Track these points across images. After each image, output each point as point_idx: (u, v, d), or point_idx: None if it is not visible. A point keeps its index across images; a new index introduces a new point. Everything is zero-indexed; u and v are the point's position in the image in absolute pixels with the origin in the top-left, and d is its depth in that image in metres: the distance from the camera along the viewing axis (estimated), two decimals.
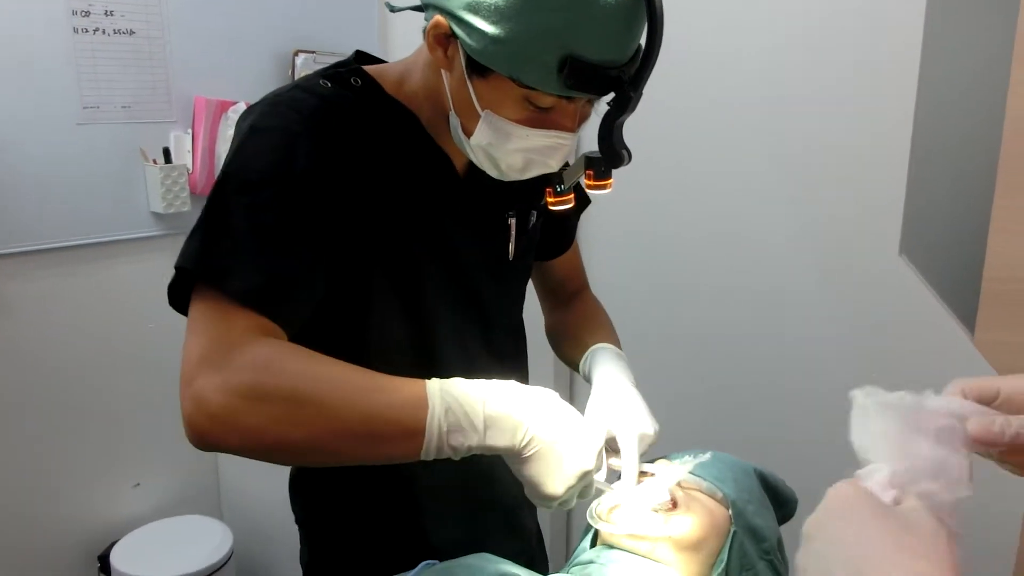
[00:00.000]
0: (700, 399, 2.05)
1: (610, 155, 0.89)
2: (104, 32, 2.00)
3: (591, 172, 0.93)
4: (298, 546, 1.19)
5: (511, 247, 1.10)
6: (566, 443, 0.79)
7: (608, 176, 0.93)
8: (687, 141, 2.03)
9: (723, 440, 1.65)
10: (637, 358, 1.32)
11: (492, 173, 0.96)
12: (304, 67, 2.33)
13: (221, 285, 0.82)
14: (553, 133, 0.89)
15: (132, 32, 2.05)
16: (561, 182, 0.96)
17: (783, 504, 1.08)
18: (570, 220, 1.28)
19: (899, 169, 1.53)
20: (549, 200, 0.98)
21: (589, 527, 1.00)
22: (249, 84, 2.30)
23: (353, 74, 0.98)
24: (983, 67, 1.73)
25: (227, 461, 2.42)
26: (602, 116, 0.88)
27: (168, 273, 0.88)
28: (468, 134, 0.91)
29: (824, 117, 1.82)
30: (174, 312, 0.89)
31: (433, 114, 0.97)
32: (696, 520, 0.91)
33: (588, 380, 1.11)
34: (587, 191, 0.96)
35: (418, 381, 0.79)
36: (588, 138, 0.94)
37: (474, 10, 0.81)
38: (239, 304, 0.81)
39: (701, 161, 2.02)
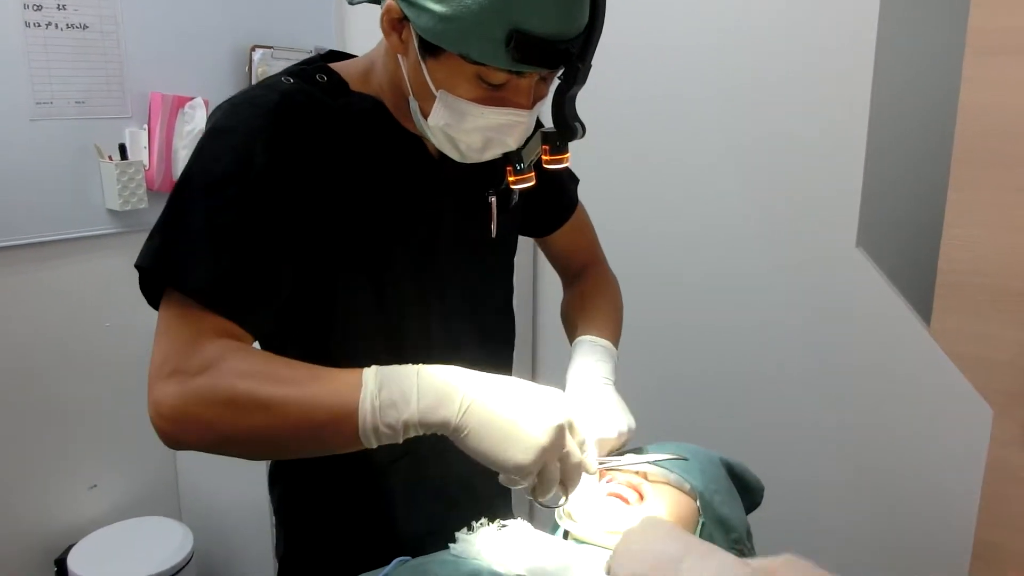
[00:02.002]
0: (661, 388, 2.06)
1: (563, 128, 0.90)
2: (56, 26, 1.96)
3: (546, 147, 0.94)
4: (259, 545, 1.19)
5: (493, 226, 1.09)
6: (516, 410, 0.76)
7: (564, 150, 0.94)
8: (645, 136, 2.05)
9: (686, 428, 1.68)
10: None
11: (453, 155, 0.96)
12: (261, 62, 2.31)
13: (178, 284, 0.84)
14: (507, 111, 0.89)
15: (85, 26, 2.01)
16: (520, 160, 0.96)
17: (750, 492, 1.10)
18: (564, 193, 1.27)
19: (856, 164, 1.56)
20: (510, 179, 0.97)
21: (557, 526, 1.00)
22: (206, 79, 2.27)
23: (318, 71, 0.97)
24: (936, 64, 1.77)
25: (186, 461, 2.39)
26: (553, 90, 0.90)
27: (125, 271, 0.87)
28: (426, 116, 0.91)
29: (782, 113, 1.85)
30: (131, 311, 0.91)
31: (399, 101, 0.97)
32: (665, 512, 0.91)
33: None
34: (544, 166, 0.96)
35: (357, 369, 0.79)
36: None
37: None
38: (200, 306, 0.83)
39: (659, 156, 2.04)
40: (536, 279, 2.50)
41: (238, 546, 2.28)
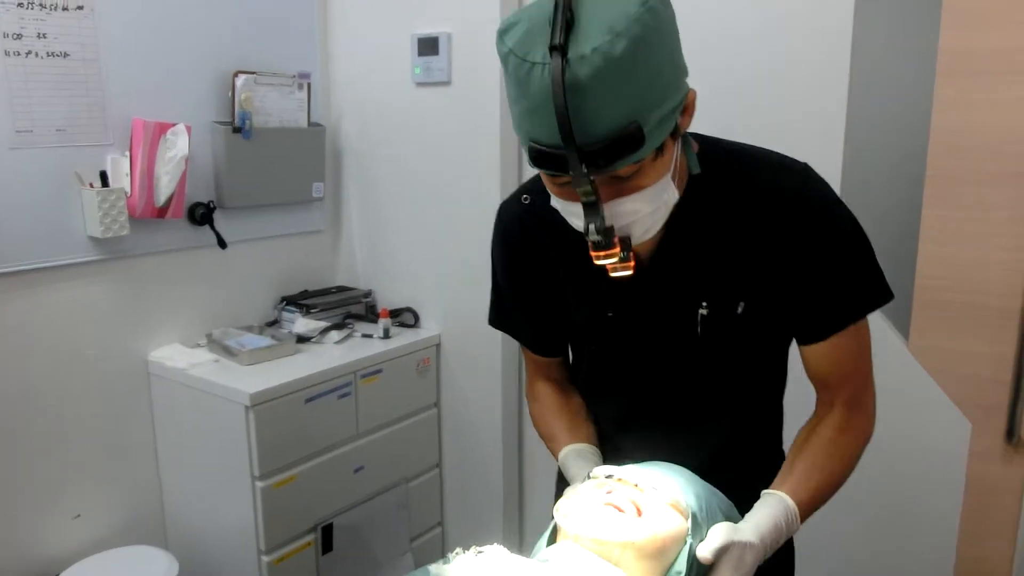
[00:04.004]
0: None
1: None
2: (37, 55, 1.96)
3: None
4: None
5: (700, 333, 1.13)
6: None
7: (599, 248, 0.96)
8: None
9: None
10: None
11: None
12: (244, 88, 2.32)
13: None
14: (566, 202, 0.98)
15: (66, 55, 2.01)
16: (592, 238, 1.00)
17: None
18: (827, 309, 1.10)
19: (832, 182, 1.57)
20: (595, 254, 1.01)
21: (553, 525, 1.01)
22: (189, 105, 2.27)
23: (523, 192, 1.25)
24: (909, 85, 1.80)
25: (171, 489, 2.37)
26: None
27: (107, 299, 0.88)
28: None
29: (757, 135, 1.87)
30: (115, 339, 0.91)
31: None
32: (661, 528, 0.92)
33: None
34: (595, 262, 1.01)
35: (563, 439, 1.26)
36: None
37: None
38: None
39: None
40: None
41: (225, 574, 2.26)
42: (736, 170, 1.08)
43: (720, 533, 0.95)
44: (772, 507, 1.04)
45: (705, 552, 0.93)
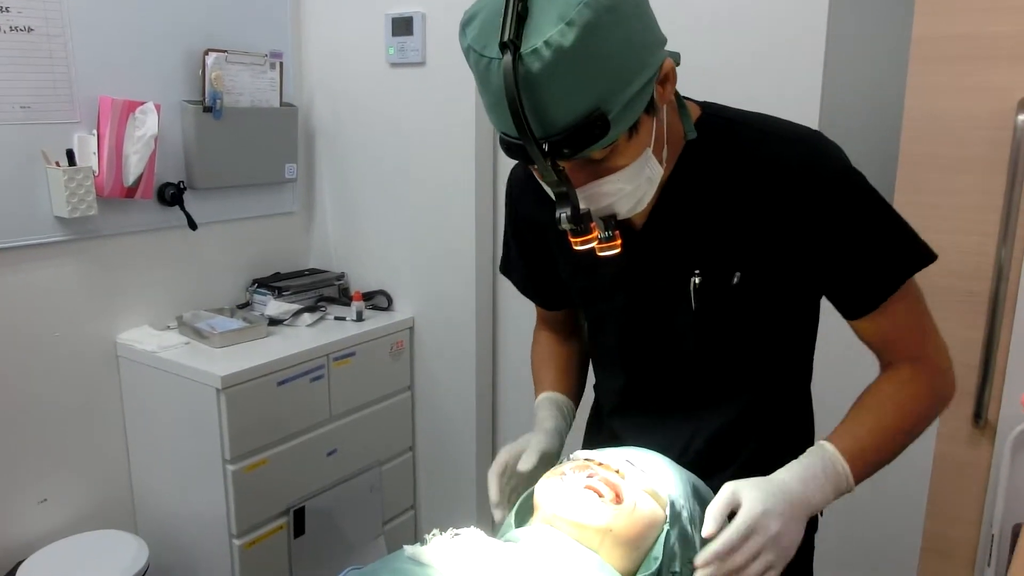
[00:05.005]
0: None
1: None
2: None
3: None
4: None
5: (694, 304, 1.09)
6: None
7: (580, 234, 0.94)
8: None
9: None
10: None
11: None
12: (215, 66, 2.28)
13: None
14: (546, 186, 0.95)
15: (30, 29, 1.96)
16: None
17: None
18: (868, 281, 1.05)
19: None
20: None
21: (523, 505, 1.01)
22: (157, 84, 2.23)
23: None
24: (883, 72, 1.81)
25: (141, 473, 2.35)
26: None
27: (74, 280, 0.86)
28: None
29: None
30: (82, 321, 0.88)
31: None
32: (639, 515, 0.92)
33: None
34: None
35: (545, 385, 1.33)
36: None
37: None
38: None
39: None
40: (496, 293, 2.50)
41: (196, 558, 2.25)
42: (735, 139, 1.04)
43: (723, 496, 0.93)
44: (807, 457, 1.00)
45: (709, 523, 0.91)
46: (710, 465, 1.13)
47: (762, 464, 1.02)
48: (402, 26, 2.37)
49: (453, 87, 2.33)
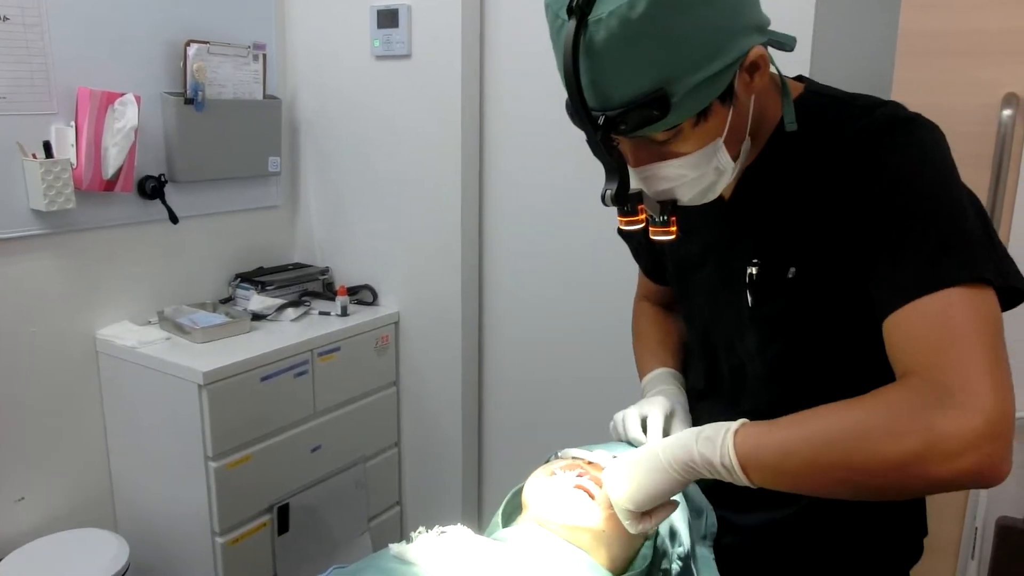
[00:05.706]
0: (600, 392, 2.07)
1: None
2: None
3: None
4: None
5: (748, 296, 1.02)
6: None
7: (626, 215, 0.92)
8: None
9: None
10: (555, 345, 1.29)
11: None
12: (197, 58, 2.24)
13: None
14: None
15: (6, 19, 1.92)
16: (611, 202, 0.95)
17: (699, 517, 1.07)
18: (889, 278, 0.87)
19: None
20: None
21: (510, 503, 1.00)
22: (138, 75, 2.20)
23: None
24: (870, 66, 1.80)
25: (121, 471, 2.32)
26: None
27: (52, 274, 0.83)
28: None
29: None
30: (61, 316, 0.86)
31: None
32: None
33: None
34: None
35: (657, 360, 1.27)
36: None
37: None
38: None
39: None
40: (482, 287, 2.49)
41: (178, 556, 2.22)
42: (828, 118, 0.94)
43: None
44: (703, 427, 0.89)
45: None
46: None
47: None
48: (387, 18, 2.35)
49: (439, 80, 2.31)
